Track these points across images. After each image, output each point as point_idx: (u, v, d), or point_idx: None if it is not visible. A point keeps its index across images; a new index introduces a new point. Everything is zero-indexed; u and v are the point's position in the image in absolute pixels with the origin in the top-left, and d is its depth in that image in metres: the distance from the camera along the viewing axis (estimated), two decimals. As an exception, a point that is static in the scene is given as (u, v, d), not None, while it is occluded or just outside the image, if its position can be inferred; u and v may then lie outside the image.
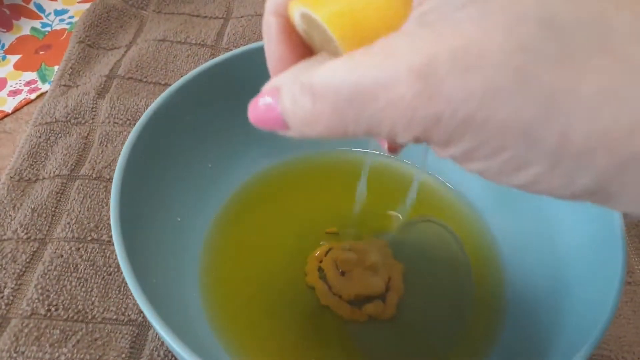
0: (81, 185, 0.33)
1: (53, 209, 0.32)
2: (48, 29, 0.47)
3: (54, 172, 0.34)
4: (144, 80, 0.41)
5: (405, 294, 0.29)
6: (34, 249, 0.30)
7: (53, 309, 0.28)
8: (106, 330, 0.27)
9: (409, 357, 0.27)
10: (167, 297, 0.25)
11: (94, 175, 0.34)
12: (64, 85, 0.40)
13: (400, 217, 0.33)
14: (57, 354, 0.26)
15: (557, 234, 0.28)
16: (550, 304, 0.26)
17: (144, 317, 0.28)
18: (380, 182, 0.34)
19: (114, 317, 0.28)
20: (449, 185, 0.34)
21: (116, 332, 0.27)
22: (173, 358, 0.27)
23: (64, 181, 0.33)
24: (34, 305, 0.28)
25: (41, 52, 0.45)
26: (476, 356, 0.27)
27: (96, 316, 0.28)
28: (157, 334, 0.27)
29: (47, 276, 0.29)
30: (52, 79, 0.42)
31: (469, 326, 0.28)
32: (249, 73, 0.32)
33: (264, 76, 0.32)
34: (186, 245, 0.29)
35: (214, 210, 0.32)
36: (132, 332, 0.27)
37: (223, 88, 0.31)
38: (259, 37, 0.44)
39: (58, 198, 0.32)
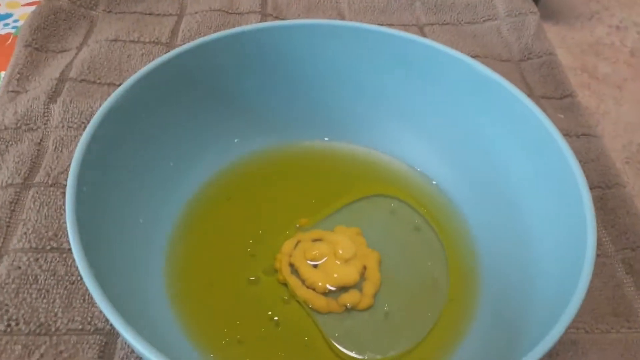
0: (37, 193, 0.31)
1: (7, 220, 0.30)
2: (-8, 34, 0.45)
3: (7, 182, 0.32)
4: (98, 81, 0.39)
5: (382, 283, 0.29)
6: (-11, 263, 0.28)
7: (13, 323, 0.26)
8: (72, 342, 0.26)
9: (388, 344, 0.27)
10: (132, 302, 0.24)
11: (50, 182, 0.32)
12: (12, 92, 0.38)
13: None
14: None
15: (527, 213, 0.28)
16: (524, 282, 0.26)
17: (111, 325, 0.27)
18: (349, 171, 0.34)
19: (80, 327, 0.27)
20: (414, 166, 0.34)
21: (83, 343, 0.26)
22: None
23: (18, 190, 0.32)
24: (-8, 321, 0.26)
25: (-14, 59, 0.43)
26: (454, 337, 0.27)
27: (60, 328, 0.26)
28: (126, 342, 0.26)
29: (5, 290, 0.27)
30: (-1, 86, 0.40)
31: (447, 308, 0.28)
32: (205, 66, 0.31)
33: (219, 69, 0.32)
34: (150, 246, 0.28)
35: (177, 209, 0.31)
36: (99, 342, 0.26)
37: (179, 83, 0.30)
38: (215, 32, 0.44)
39: (12, 208, 0.31)
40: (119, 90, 0.27)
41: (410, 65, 0.31)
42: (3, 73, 0.41)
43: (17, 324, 0.26)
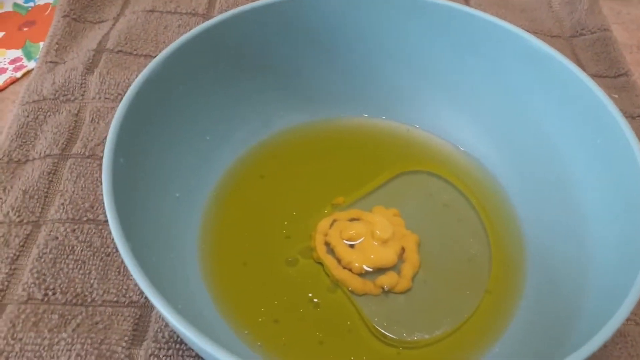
0: (73, 164, 0.31)
1: (45, 190, 0.30)
2: (31, 4, 0.45)
3: (45, 152, 0.32)
4: (134, 53, 0.39)
5: (421, 266, 0.28)
6: (27, 232, 0.28)
7: (50, 293, 0.26)
8: (107, 313, 0.26)
9: (426, 328, 0.26)
10: (167, 276, 0.24)
11: (87, 154, 0.32)
12: (51, 62, 0.38)
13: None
14: (56, 339, 0.25)
15: (580, 199, 0.26)
16: (574, 271, 0.24)
17: (146, 298, 0.27)
18: (388, 148, 0.33)
19: (115, 299, 0.27)
20: (457, 145, 0.33)
21: (117, 315, 0.26)
22: (178, 339, 0.25)
23: (56, 161, 0.32)
24: (30, 290, 0.26)
25: (25, 29, 0.43)
26: (495, 326, 0.26)
27: (96, 299, 0.26)
28: (160, 315, 0.26)
29: (43, 259, 0.27)
30: (37, 56, 0.40)
31: (488, 296, 0.27)
32: (242, 38, 0.30)
33: (257, 41, 0.31)
34: (186, 222, 0.28)
35: (213, 184, 0.30)
36: (134, 314, 0.26)
37: (216, 55, 0.29)
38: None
39: (50, 179, 0.31)
40: (156, 60, 0.26)
41: (456, 37, 0.30)
42: (42, 43, 0.41)
43: (54, 294, 0.26)
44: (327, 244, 0.29)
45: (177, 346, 0.25)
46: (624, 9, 0.46)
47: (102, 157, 0.32)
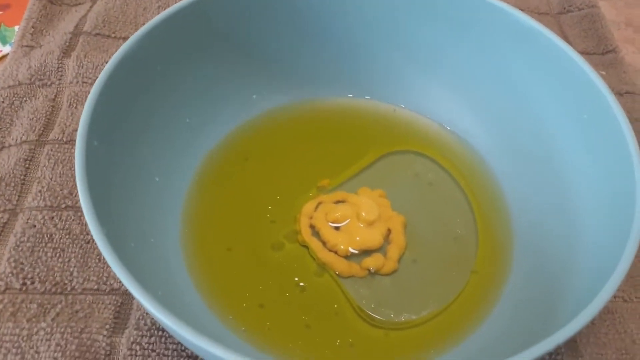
0: (51, 150, 0.31)
1: (22, 178, 0.29)
2: (5, -13, 0.44)
3: (21, 139, 0.31)
4: (113, 35, 0.38)
5: (407, 247, 0.28)
6: (4, 221, 0.28)
7: (28, 282, 0.26)
8: (87, 302, 0.25)
9: (413, 309, 0.26)
10: (147, 262, 0.23)
11: (65, 139, 0.31)
12: (26, 46, 0.37)
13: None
14: (35, 329, 0.24)
15: (568, 176, 0.26)
16: (562, 248, 0.24)
17: (127, 285, 0.26)
18: (373, 129, 0.32)
19: (95, 287, 0.26)
20: (444, 125, 0.32)
21: (98, 303, 0.25)
22: (160, 326, 0.25)
23: (32, 147, 0.31)
24: (8, 279, 0.26)
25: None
26: (483, 306, 0.26)
27: (76, 287, 0.26)
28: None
29: (20, 248, 0.27)
30: (12, 40, 0.39)
31: (476, 275, 0.27)
32: (223, 15, 0.29)
33: (238, 18, 0.30)
34: (167, 206, 0.27)
35: (195, 167, 0.29)
36: (115, 302, 0.25)
37: (197, 33, 0.28)
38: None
39: (27, 165, 0.30)
40: (132, 39, 0.25)
41: (443, 13, 0.29)
42: (17, 27, 0.40)
43: (32, 283, 0.26)
44: (312, 226, 0.28)
45: (160, 333, 0.25)
46: (611, -15, 0.46)
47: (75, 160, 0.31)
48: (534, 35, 0.27)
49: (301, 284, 0.26)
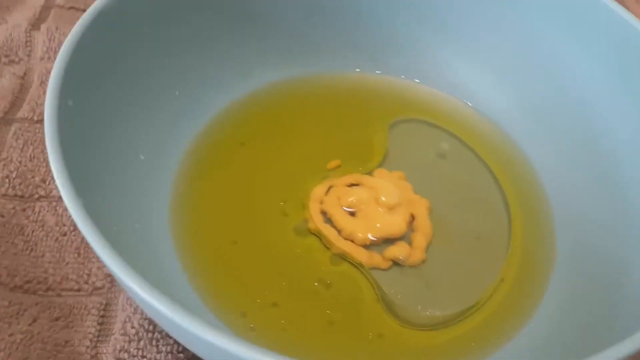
0: (19, 129, 0.27)
1: (-16, 158, 0.25)
2: (-34, -40, 0.39)
3: (-18, 117, 0.27)
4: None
5: (434, 235, 0.25)
6: (-38, 206, 0.24)
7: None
8: (67, 306, 0.21)
9: (445, 305, 0.22)
10: (132, 249, 0.19)
11: (36, 118, 0.27)
12: (-10, 22, 0.33)
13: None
14: (9, 331, 0.20)
15: (621, 165, 0.23)
16: (614, 261, 0.21)
17: (111, 282, 0.22)
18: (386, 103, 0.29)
19: (75, 287, 0.22)
20: (464, 100, 0.29)
21: (80, 308, 0.21)
22: (149, 326, 0.21)
23: (-4, 125, 0.27)
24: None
25: (-41, -14, 0.37)
26: (518, 314, 0.23)
27: (52, 287, 0.22)
28: (128, 300, 0.22)
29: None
30: (-26, 15, 0.34)
31: (510, 269, 0.24)
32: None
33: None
34: (153, 189, 0.23)
35: (186, 146, 0.26)
36: (99, 305, 0.22)
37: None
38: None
39: (-11, 145, 0.26)
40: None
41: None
42: (-21, 2, 0.36)
43: (-1, 276, 0.22)
44: (323, 212, 0.25)
45: (149, 335, 0.21)
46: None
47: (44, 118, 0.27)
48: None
49: (319, 276, 0.23)
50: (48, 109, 0.17)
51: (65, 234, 0.23)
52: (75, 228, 0.24)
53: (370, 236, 0.24)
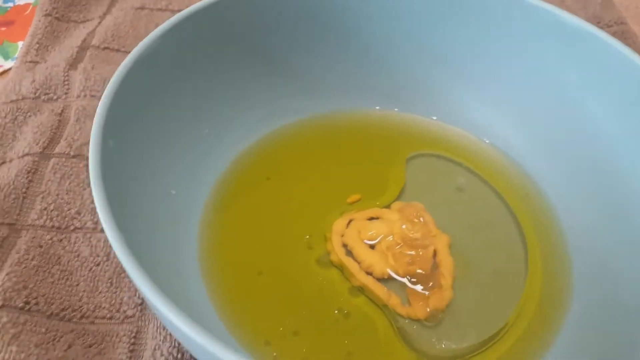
0: (57, 164, 0.28)
1: (24, 191, 0.27)
2: (10, 4, 0.42)
3: (23, 151, 0.29)
4: (122, 50, 0.36)
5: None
6: (4, 235, 0.25)
7: (32, 301, 0.23)
8: (100, 334, 0.22)
9: (456, 340, 0.23)
10: (163, 280, 0.20)
11: (72, 154, 0.29)
12: (31, 62, 0.35)
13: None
14: (46, 358, 0.21)
15: (637, 209, 0.23)
16: (632, 295, 0.21)
17: (142, 311, 0.23)
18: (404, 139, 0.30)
19: (108, 315, 0.23)
20: (479, 136, 0.30)
21: (112, 335, 0.22)
22: (178, 354, 0.22)
23: (36, 159, 0.28)
24: (8, 294, 0.22)
25: (3, 29, 0.40)
26: (534, 349, 0.23)
27: (87, 315, 0.23)
28: (157, 329, 0.23)
29: (24, 266, 0.24)
30: (15, 55, 0.37)
31: (526, 311, 0.24)
32: (245, 20, 0.27)
33: (262, 24, 0.28)
34: (184, 222, 0.24)
35: (213, 181, 0.27)
36: (130, 332, 0.23)
37: (217, 37, 0.26)
38: None
39: (29, 178, 0.27)
40: (151, 36, 0.23)
41: (475, 17, 0.27)
42: (20, 43, 0.38)
43: (37, 303, 0.23)
44: (344, 245, 0.26)
45: (179, 363, 0.22)
46: (632, 3, 0.45)
47: (89, 158, 0.28)
48: (581, 33, 0.25)
49: (339, 307, 0.23)
50: (93, 147, 0.19)
51: (98, 264, 0.25)
52: (109, 258, 0.25)
53: (389, 271, 0.25)
